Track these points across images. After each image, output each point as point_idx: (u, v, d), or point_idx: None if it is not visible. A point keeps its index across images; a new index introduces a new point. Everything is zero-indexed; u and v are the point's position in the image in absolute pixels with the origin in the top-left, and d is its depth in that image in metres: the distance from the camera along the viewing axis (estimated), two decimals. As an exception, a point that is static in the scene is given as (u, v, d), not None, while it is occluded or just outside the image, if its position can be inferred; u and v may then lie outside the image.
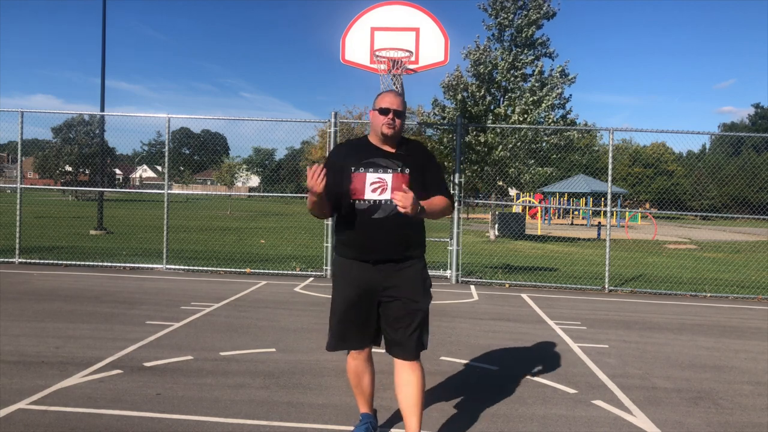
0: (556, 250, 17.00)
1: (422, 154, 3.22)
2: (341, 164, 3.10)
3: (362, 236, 3.05)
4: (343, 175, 3.07)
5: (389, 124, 3.08)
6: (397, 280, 3.07)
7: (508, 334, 6.15)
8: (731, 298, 9.26)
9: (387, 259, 3.06)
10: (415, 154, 3.17)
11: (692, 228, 33.83)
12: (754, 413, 4.06)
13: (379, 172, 3.06)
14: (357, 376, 3.30)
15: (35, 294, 7.44)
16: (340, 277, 3.18)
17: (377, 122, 3.11)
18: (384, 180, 3.04)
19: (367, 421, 3.35)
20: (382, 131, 3.10)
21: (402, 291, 3.06)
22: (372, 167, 3.06)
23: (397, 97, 3.14)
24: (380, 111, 3.10)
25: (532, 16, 19.87)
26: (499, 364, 5.01)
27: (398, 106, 3.10)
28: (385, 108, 3.08)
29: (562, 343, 5.85)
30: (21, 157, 10.78)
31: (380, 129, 3.10)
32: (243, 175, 48.17)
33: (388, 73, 8.98)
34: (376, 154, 3.11)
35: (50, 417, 3.54)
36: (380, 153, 3.12)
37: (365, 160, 3.08)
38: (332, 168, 3.06)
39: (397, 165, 3.08)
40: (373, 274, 3.06)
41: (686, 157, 56.32)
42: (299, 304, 7.40)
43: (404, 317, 3.07)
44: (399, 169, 3.07)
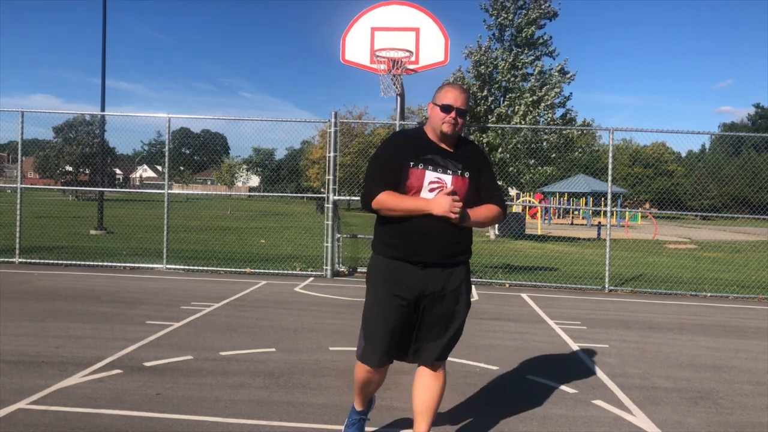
0: (556, 250, 17.00)
1: (480, 158, 3.03)
2: (399, 158, 2.87)
3: (414, 237, 2.84)
4: (400, 169, 2.86)
5: (451, 123, 2.88)
6: (444, 284, 2.89)
7: (508, 334, 6.15)
8: (731, 297, 9.25)
9: (436, 263, 2.86)
10: (473, 156, 2.98)
11: (692, 228, 33.83)
12: (754, 413, 4.06)
13: (439, 171, 2.86)
14: (367, 384, 3.09)
15: (35, 294, 7.44)
16: (381, 279, 2.91)
17: (437, 118, 2.90)
18: (443, 181, 2.85)
19: (361, 418, 3.28)
20: (442, 129, 2.89)
21: (447, 297, 2.91)
22: (431, 165, 2.86)
23: (463, 93, 2.91)
24: (442, 108, 2.88)
25: (532, 15, 19.88)
26: (499, 364, 5.01)
27: (462, 104, 2.89)
28: (448, 105, 2.87)
29: (562, 343, 5.85)
30: (21, 157, 10.78)
31: (440, 127, 2.89)
32: (243, 175, 48.15)
33: (388, 73, 8.98)
34: (434, 151, 2.90)
35: (50, 417, 3.54)
36: (439, 150, 2.91)
37: (424, 156, 2.87)
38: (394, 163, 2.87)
39: (456, 167, 2.89)
40: (420, 278, 2.86)
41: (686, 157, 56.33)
42: (299, 304, 7.40)
43: (443, 323, 2.93)
44: (459, 172, 2.89)
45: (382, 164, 2.92)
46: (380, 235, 2.97)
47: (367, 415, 3.33)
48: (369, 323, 2.94)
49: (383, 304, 2.89)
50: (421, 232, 2.82)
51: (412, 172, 2.84)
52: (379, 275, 2.93)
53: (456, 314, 2.94)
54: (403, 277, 2.86)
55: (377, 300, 2.92)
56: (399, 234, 2.87)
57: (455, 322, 2.95)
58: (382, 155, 2.95)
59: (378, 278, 2.94)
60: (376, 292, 2.93)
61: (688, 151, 63.67)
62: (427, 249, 2.83)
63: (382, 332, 2.88)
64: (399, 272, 2.87)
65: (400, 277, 2.87)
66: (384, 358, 2.94)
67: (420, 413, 2.99)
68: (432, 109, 2.94)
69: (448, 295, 2.90)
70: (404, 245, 2.86)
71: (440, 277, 2.88)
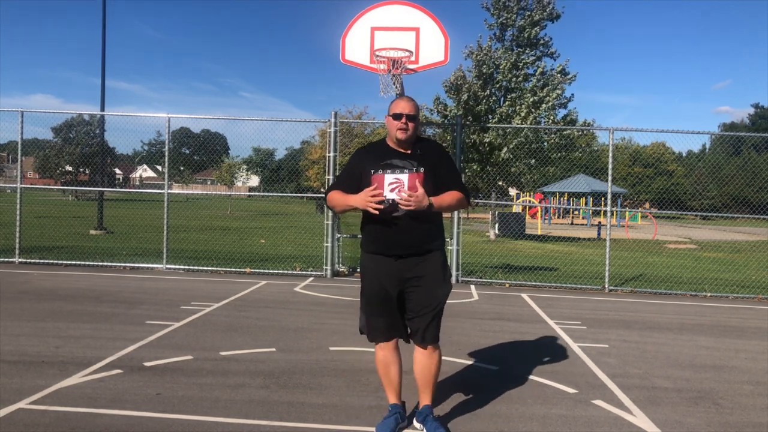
0: (556, 250, 17.00)
1: (435, 151, 3.44)
2: (361, 167, 3.37)
3: (385, 233, 3.31)
4: (363, 176, 3.33)
5: (402, 128, 3.33)
6: (419, 271, 3.32)
7: (508, 334, 6.15)
8: (731, 297, 9.25)
9: (409, 253, 3.31)
10: (428, 152, 3.40)
11: (692, 228, 33.82)
12: (754, 413, 4.06)
13: (396, 172, 3.29)
14: (385, 366, 3.47)
15: (35, 294, 7.44)
16: (367, 271, 3.42)
17: (392, 127, 3.37)
18: (401, 180, 3.27)
19: (395, 412, 3.49)
20: (396, 136, 3.35)
21: (423, 281, 3.32)
22: (389, 168, 3.31)
23: (410, 102, 3.38)
24: (393, 116, 3.35)
25: (536, 17, 19.83)
26: (499, 364, 5.01)
27: (410, 110, 3.34)
28: (398, 113, 3.34)
29: (562, 343, 5.85)
30: (21, 157, 10.78)
31: (395, 133, 3.35)
32: (243, 174, 48.14)
33: (387, 73, 8.97)
34: (392, 156, 3.36)
35: (50, 417, 3.54)
36: (397, 155, 3.37)
37: (383, 162, 3.33)
38: (353, 171, 3.40)
39: (412, 165, 3.31)
40: (397, 268, 3.31)
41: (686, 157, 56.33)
42: (299, 304, 7.40)
43: (425, 306, 3.33)
44: (414, 169, 3.30)
45: (343, 173, 3.52)
46: (364, 234, 3.45)
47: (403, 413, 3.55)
48: (365, 309, 3.47)
49: (371, 291, 3.40)
50: (392, 228, 3.28)
51: (374, 177, 3.30)
52: (365, 268, 3.45)
53: (436, 298, 3.34)
54: (383, 267, 3.34)
55: (366, 289, 3.43)
56: (375, 232, 3.35)
57: (435, 305, 3.35)
58: (346, 166, 3.52)
59: (365, 270, 3.45)
60: (365, 283, 3.44)
61: (688, 151, 63.66)
62: (398, 242, 3.30)
63: (376, 313, 3.40)
64: (379, 264, 3.35)
65: (379, 268, 3.35)
66: (385, 332, 3.41)
67: (423, 386, 3.49)
68: (387, 120, 3.41)
69: (425, 281, 3.33)
70: (378, 241, 3.35)
71: (414, 264, 3.32)
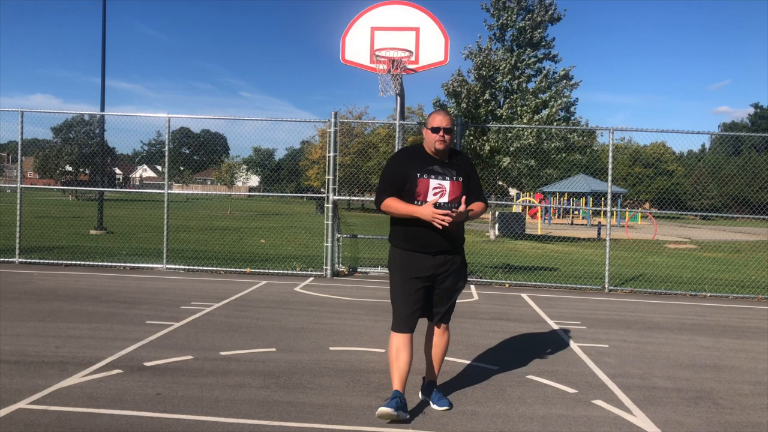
0: (556, 250, 17.00)
1: (468, 165, 3.91)
2: (405, 171, 3.74)
3: (424, 233, 3.71)
4: (408, 179, 3.71)
5: (441, 140, 3.74)
6: (448, 266, 3.80)
7: (508, 334, 6.16)
8: (731, 297, 9.26)
9: (442, 251, 3.76)
10: (463, 165, 3.87)
11: (692, 228, 33.82)
12: (754, 413, 4.06)
13: (439, 179, 3.74)
14: (397, 351, 3.75)
15: (35, 294, 7.44)
16: (401, 266, 3.80)
17: (430, 139, 3.77)
18: (443, 186, 3.73)
19: (397, 396, 3.68)
20: (435, 146, 3.75)
21: (451, 276, 3.83)
22: (434, 174, 3.74)
23: (446, 116, 3.79)
24: (432, 130, 3.75)
25: (537, 19, 19.76)
26: (499, 364, 5.01)
27: (447, 124, 3.75)
28: (437, 127, 3.74)
29: (562, 343, 5.85)
30: (21, 157, 10.78)
31: (433, 144, 3.75)
32: (243, 174, 48.13)
33: (387, 73, 8.98)
34: (434, 163, 3.78)
35: (50, 417, 3.54)
36: (437, 162, 3.79)
37: (427, 168, 3.74)
38: (397, 175, 3.75)
39: (452, 174, 3.77)
40: (433, 263, 3.76)
41: (686, 157, 56.34)
42: (299, 304, 7.40)
43: (449, 295, 3.89)
44: (455, 178, 3.77)
45: (388, 178, 3.80)
46: (397, 233, 3.84)
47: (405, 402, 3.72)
48: (395, 300, 3.82)
49: (404, 285, 3.78)
50: (433, 231, 3.69)
51: (419, 181, 3.71)
52: (398, 264, 3.82)
53: (457, 289, 3.91)
54: (419, 263, 3.75)
55: (398, 283, 3.80)
56: (413, 229, 3.74)
57: (455, 294, 3.93)
58: (391, 168, 3.83)
59: (397, 266, 3.82)
60: (397, 277, 3.82)
61: (688, 151, 63.60)
62: (437, 242, 3.73)
63: (405, 305, 3.77)
64: (415, 260, 3.76)
65: (417, 263, 3.75)
66: (410, 323, 3.79)
67: (431, 362, 3.99)
68: (426, 133, 3.82)
69: (451, 274, 3.83)
70: (416, 239, 3.75)
71: (445, 261, 3.78)
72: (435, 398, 3.91)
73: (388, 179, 3.78)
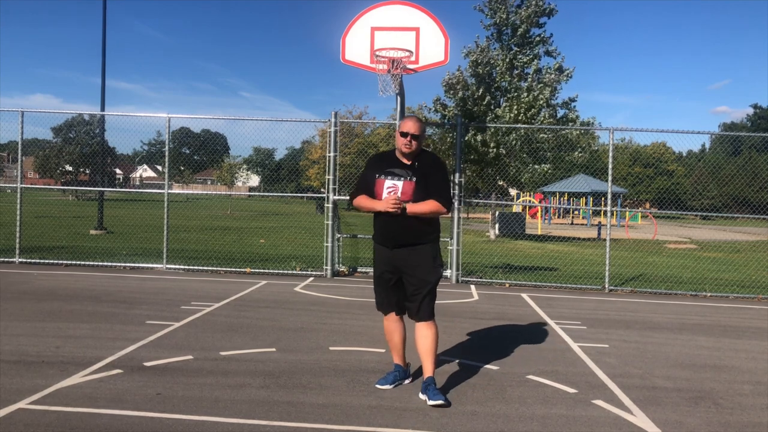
0: (556, 250, 17.00)
1: (429, 164, 4.12)
2: (371, 173, 4.13)
3: (383, 228, 4.08)
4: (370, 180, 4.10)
5: (407, 144, 4.05)
6: (411, 260, 4.04)
7: (508, 334, 6.15)
8: (731, 297, 9.25)
9: (401, 244, 4.03)
10: (424, 164, 4.09)
11: (692, 228, 33.82)
12: (754, 413, 4.06)
13: (394, 179, 4.04)
14: (390, 333, 4.30)
15: (35, 294, 7.44)
16: (376, 258, 4.22)
17: (398, 142, 4.09)
18: (396, 186, 4.03)
19: (396, 370, 4.29)
20: (402, 149, 4.08)
21: (415, 269, 4.03)
22: (390, 175, 4.06)
23: (417, 122, 4.06)
24: (401, 134, 4.06)
25: (528, 12, 19.82)
26: (499, 364, 5.01)
27: (416, 131, 4.03)
28: (405, 132, 4.05)
29: (562, 343, 5.85)
30: (21, 157, 10.78)
31: (401, 147, 4.07)
32: (243, 174, 48.11)
33: (387, 73, 8.97)
34: (395, 165, 4.10)
35: (50, 417, 3.54)
36: (399, 164, 4.10)
37: (386, 169, 4.09)
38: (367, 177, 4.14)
39: (408, 174, 4.04)
40: (394, 255, 4.06)
41: (686, 156, 56.34)
42: (299, 304, 7.40)
43: (417, 289, 4.05)
44: (408, 178, 4.02)
45: (360, 178, 4.26)
46: (374, 228, 4.19)
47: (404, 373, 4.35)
48: (375, 288, 4.27)
49: (377, 273, 4.22)
50: (388, 224, 4.03)
51: (377, 181, 4.09)
52: (375, 256, 4.24)
53: (427, 282, 4.04)
54: (383, 255, 4.14)
55: (375, 271, 4.25)
56: (379, 226, 4.12)
57: (425, 287, 4.04)
58: (363, 171, 4.27)
59: (374, 256, 4.24)
60: (375, 267, 4.25)
61: (688, 151, 63.62)
62: (392, 235, 4.05)
63: (378, 291, 4.26)
64: (380, 252, 4.17)
65: (382, 255, 4.15)
66: (387, 309, 4.25)
67: (423, 355, 4.11)
68: (396, 135, 4.14)
69: (416, 268, 4.04)
70: (380, 234, 4.13)
71: (408, 254, 4.04)
72: (430, 394, 3.97)
73: (360, 180, 4.23)
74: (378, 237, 4.15)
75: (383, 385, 4.21)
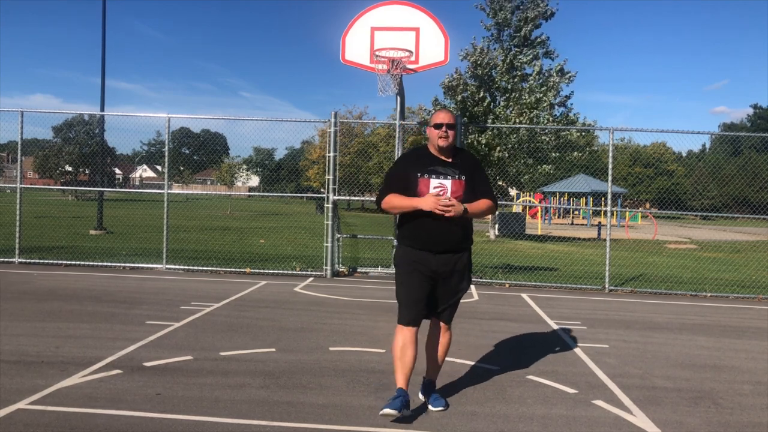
0: (556, 250, 17.00)
1: (472, 161, 3.90)
2: (408, 172, 3.75)
3: (428, 231, 3.68)
4: (410, 180, 3.71)
5: (443, 136, 3.72)
6: (453, 266, 3.76)
7: (508, 334, 6.15)
8: (731, 297, 9.25)
9: (447, 250, 3.73)
10: (466, 162, 3.84)
11: (692, 228, 33.82)
12: (754, 413, 4.06)
13: (440, 178, 3.70)
14: (402, 348, 3.75)
15: (35, 294, 7.44)
16: (407, 264, 3.78)
17: (433, 136, 3.75)
18: (444, 185, 3.69)
19: (401, 395, 3.67)
20: (438, 144, 3.74)
21: (455, 274, 3.79)
22: (434, 174, 3.71)
23: (448, 113, 3.79)
24: (435, 126, 3.73)
25: (530, 14, 19.86)
26: (499, 364, 5.01)
27: (450, 120, 3.74)
28: (439, 123, 3.72)
29: (562, 343, 5.85)
30: (21, 157, 10.78)
31: (437, 141, 3.74)
32: (243, 174, 48.15)
33: (387, 73, 8.97)
34: (436, 163, 3.75)
35: (50, 417, 3.53)
36: (439, 162, 3.76)
37: (428, 168, 3.73)
38: (401, 176, 3.76)
39: (454, 172, 3.73)
40: (437, 261, 3.72)
41: (686, 157, 56.35)
42: (299, 304, 7.40)
43: (454, 293, 3.85)
44: (456, 176, 3.72)
45: (392, 176, 3.85)
46: (404, 232, 3.82)
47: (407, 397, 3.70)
48: (401, 295, 3.80)
49: (407, 279, 3.77)
50: (435, 227, 3.66)
51: (420, 181, 3.70)
52: (405, 261, 3.80)
53: (461, 290, 3.87)
54: (422, 260, 3.72)
55: (403, 277, 3.80)
56: (417, 229, 3.72)
57: (459, 294, 3.88)
58: (394, 170, 3.90)
59: (404, 264, 3.80)
60: (403, 275, 3.80)
61: (688, 151, 63.67)
62: (440, 240, 3.69)
63: (411, 300, 3.76)
64: (419, 256, 3.73)
65: (420, 260, 3.72)
66: (414, 316, 3.78)
67: (431, 361, 3.97)
68: (429, 131, 3.80)
69: (455, 274, 3.79)
70: (421, 238, 3.71)
71: (450, 260, 3.75)
72: (432, 399, 3.91)
73: (391, 180, 3.81)
74: (418, 241, 3.73)
75: (390, 410, 3.60)
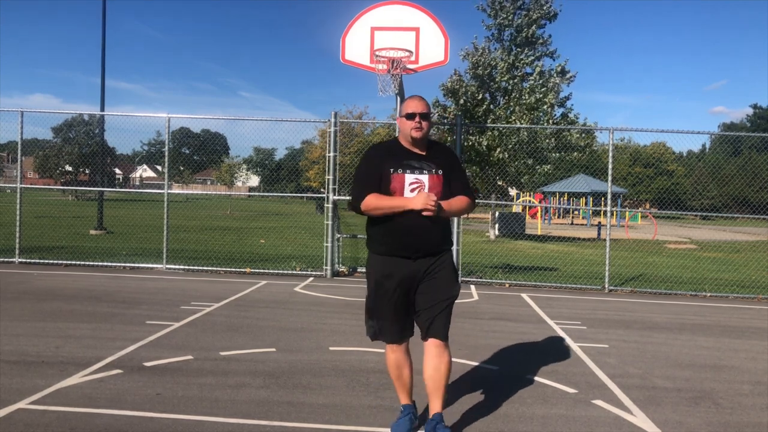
0: (556, 250, 17.00)
1: (448, 155, 3.48)
2: (380, 167, 3.33)
3: (404, 234, 3.28)
4: (381, 176, 3.31)
5: (416, 127, 3.33)
6: (432, 269, 3.33)
7: (508, 334, 6.15)
8: (731, 297, 9.25)
9: (426, 253, 3.32)
10: (442, 155, 3.43)
11: (692, 228, 33.82)
12: (754, 413, 4.06)
13: (416, 173, 3.31)
14: (397, 368, 3.45)
15: (35, 294, 7.44)
16: (380, 273, 3.36)
17: (405, 127, 3.36)
18: (421, 180, 3.30)
19: (409, 412, 3.46)
20: (411, 135, 3.35)
21: (436, 279, 3.33)
22: (409, 168, 3.32)
23: (421, 101, 3.38)
24: (407, 116, 3.34)
25: (533, 16, 19.86)
26: (499, 364, 5.01)
27: (423, 109, 3.35)
28: (411, 113, 3.33)
29: (562, 343, 5.85)
30: (21, 157, 10.78)
31: (409, 132, 3.35)
32: (243, 174, 48.13)
33: (387, 73, 8.97)
34: (410, 157, 3.36)
35: (50, 417, 3.54)
36: (413, 155, 3.37)
37: (402, 162, 3.33)
38: (374, 172, 3.34)
39: (430, 167, 3.34)
40: (414, 268, 3.31)
41: (686, 157, 56.34)
42: (299, 304, 7.40)
43: (436, 301, 3.32)
44: (433, 171, 3.33)
45: (365, 174, 3.36)
46: (373, 235, 3.42)
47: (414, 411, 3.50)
48: (372, 309, 3.42)
49: (380, 292, 3.35)
50: (408, 230, 3.26)
51: (394, 177, 3.29)
52: (376, 270, 3.38)
53: (446, 293, 3.34)
54: (396, 268, 3.31)
55: (376, 289, 3.38)
56: (391, 231, 3.30)
57: (449, 300, 3.35)
58: (365, 166, 3.40)
59: (375, 273, 3.39)
60: (374, 285, 3.40)
61: (688, 151, 63.63)
62: (417, 243, 3.28)
63: (390, 315, 3.35)
64: (393, 265, 3.32)
65: (394, 268, 3.31)
66: (393, 336, 3.39)
67: (431, 391, 3.36)
68: (401, 122, 3.40)
69: (440, 279, 3.34)
70: (396, 242, 3.30)
71: (430, 264, 3.33)
72: None
73: (363, 178, 3.35)
74: (393, 247, 3.31)
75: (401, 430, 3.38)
